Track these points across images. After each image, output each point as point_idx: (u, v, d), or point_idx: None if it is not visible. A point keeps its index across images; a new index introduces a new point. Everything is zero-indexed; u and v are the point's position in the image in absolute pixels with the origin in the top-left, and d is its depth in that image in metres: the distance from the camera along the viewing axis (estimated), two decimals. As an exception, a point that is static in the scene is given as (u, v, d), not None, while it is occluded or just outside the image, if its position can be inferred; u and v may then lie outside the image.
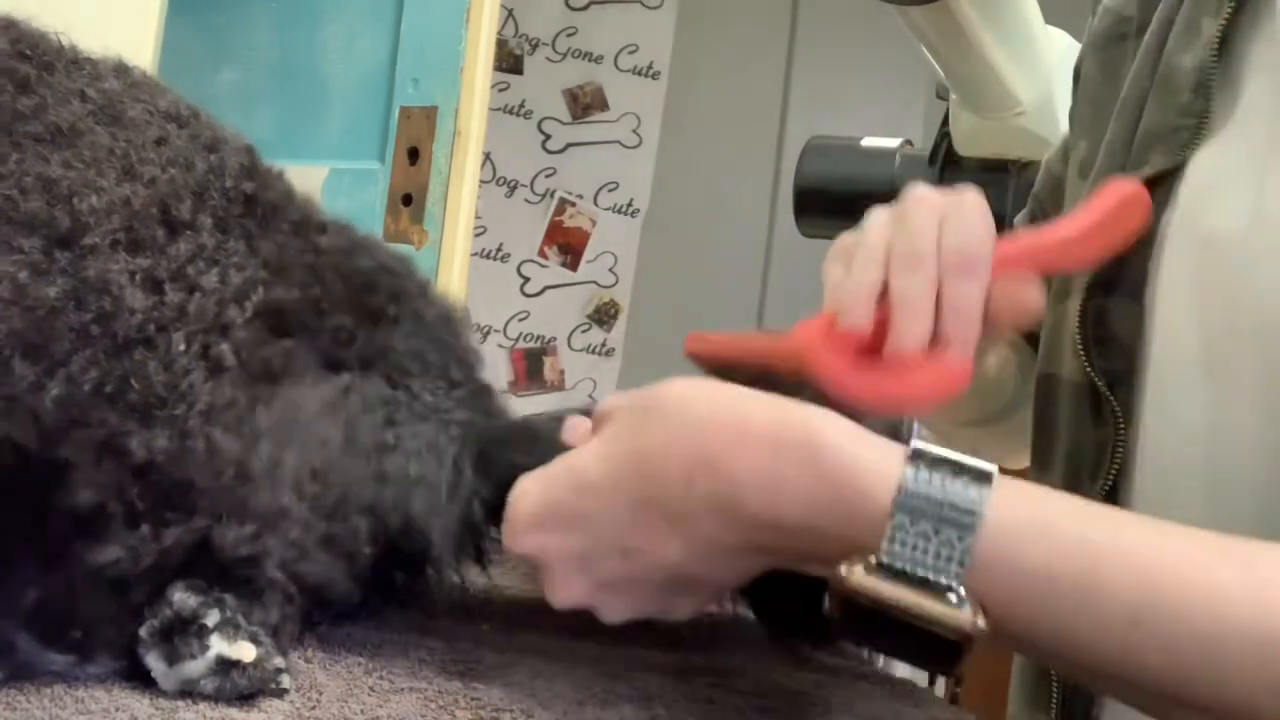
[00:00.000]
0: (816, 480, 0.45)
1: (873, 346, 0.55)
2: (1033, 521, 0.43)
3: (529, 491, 0.51)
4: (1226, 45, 0.65)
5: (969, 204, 0.58)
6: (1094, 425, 0.69)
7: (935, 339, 0.55)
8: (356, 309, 0.56)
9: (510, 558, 0.56)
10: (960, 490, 0.43)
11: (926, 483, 0.43)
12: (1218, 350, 0.62)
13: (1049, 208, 0.84)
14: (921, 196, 0.58)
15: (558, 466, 0.51)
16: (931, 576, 0.43)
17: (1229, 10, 0.65)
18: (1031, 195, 0.88)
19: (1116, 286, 0.68)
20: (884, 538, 0.43)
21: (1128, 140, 0.70)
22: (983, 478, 0.44)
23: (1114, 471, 0.67)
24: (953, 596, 0.42)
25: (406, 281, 0.60)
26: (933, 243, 0.56)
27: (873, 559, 0.43)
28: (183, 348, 0.46)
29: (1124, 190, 0.59)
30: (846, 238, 0.60)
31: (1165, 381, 0.65)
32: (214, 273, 0.48)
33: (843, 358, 0.55)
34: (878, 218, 0.59)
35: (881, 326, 0.55)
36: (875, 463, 0.45)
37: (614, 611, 0.51)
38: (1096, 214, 0.59)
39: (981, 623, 0.42)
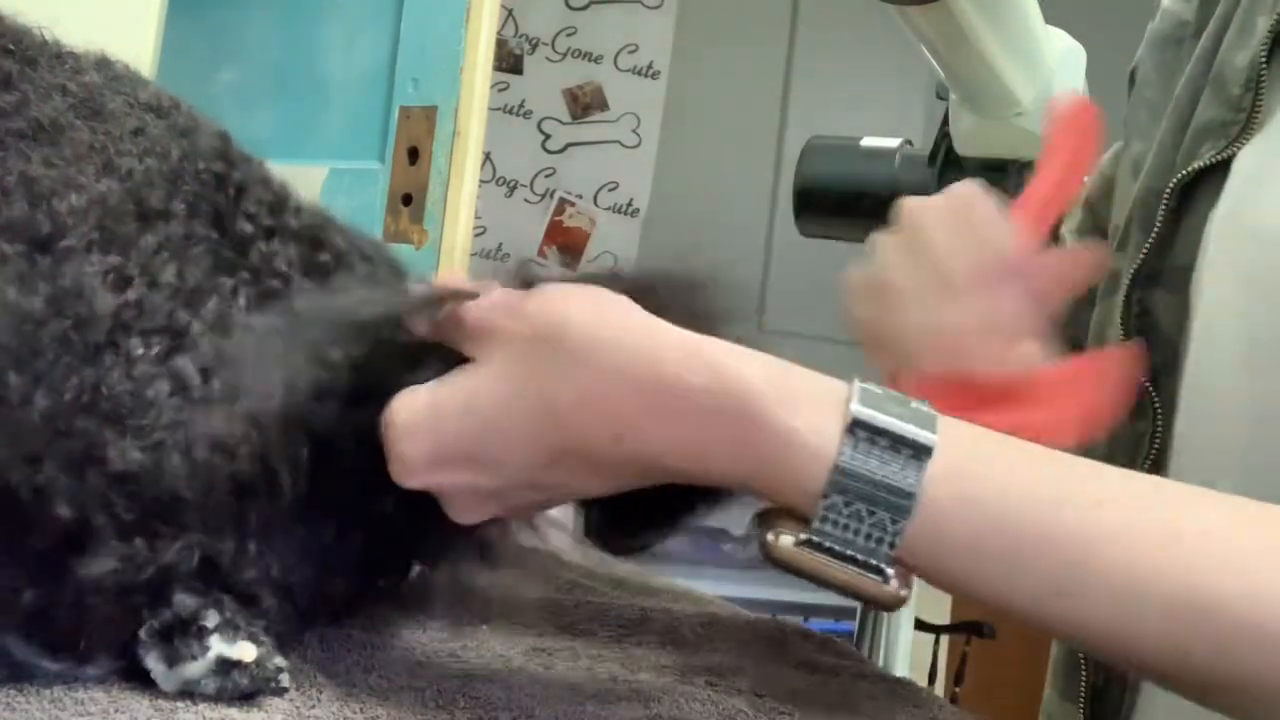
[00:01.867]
0: (749, 450, 0.43)
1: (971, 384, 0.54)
2: (965, 498, 0.43)
3: (417, 426, 0.46)
4: (1278, 44, 0.67)
5: (971, 199, 0.58)
6: (1135, 418, 0.70)
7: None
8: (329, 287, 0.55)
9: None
10: (897, 471, 0.42)
11: (863, 461, 0.42)
12: (1261, 342, 0.63)
13: (1100, 211, 0.85)
14: (920, 210, 0.58)
15: (447, 398, 0.46)
16: (860, 557, 0.42)
17: None
18: (1084, 200, 0.89)
19: (1160, 280, 0.69)
20: (815, 516, 0.42)
21: (1179, 137, 0.71)
22: (922, 452, 0.42)
23: (1149, 464, 0.67)
24: (878, 575, 0.43)
25: (380, 267, 0.59)
26: (958, 261, 0.56)
27: (801, 535, 0.43)
28: (140, 351, 0.45)
29: (1072, 110, 0.61)
30: (863, 276, 0.60)
31: (1206, 373, 0.66)
32: (175, 264, 0.48)
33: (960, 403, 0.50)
34: (887, 244, 0.59)
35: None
36: (811, 436, 0.43)
37: (523, 516, 0.51)
38: (1066, 139, 0.60)
39: (905, 593, 0.43)
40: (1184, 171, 0.69)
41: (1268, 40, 0.67)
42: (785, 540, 0.43)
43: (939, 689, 2.09)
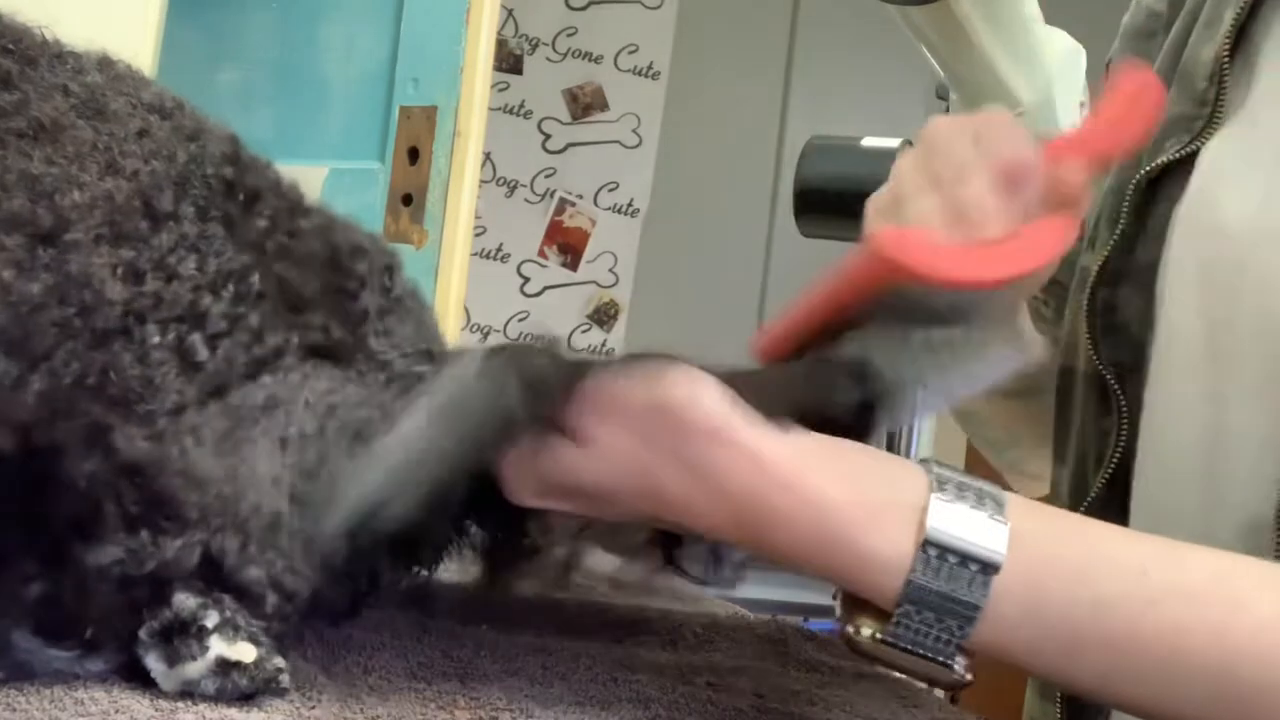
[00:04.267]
0: (828, 560, 0.47)
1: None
2: (1027, 609, 0.46)
3: (530, 463, 0.49)
4: (1244, 37, 0.66)
5: (998, 119, 0.58)
6: (1101, 415, 0.69)
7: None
8: (336, 289, 0.56)
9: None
10: (965, 586, 0.45)
11: (933, 578, 0.45)
12: (1219, 339, 0.63)
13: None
14: (941, 125, 0.58)
15: (564, 450, 0.48)
16: (929, 656, 0.46)
17: (1246, 1, 0.66)
18: None
19: (1126, 277, 0.69)
20: (890, 620, 0.46)
21: None
22: (989, 568, 0.45)
23: (1115, 461, 0.67)
24: (944, 667, 0.46)
25: (381, 258, 0.59)
26: (972, 154, 0.55)
27: (878, 635, 0.46)
28: (157, 340, 0.45)
29: (1135, 79, 0.59)
30: (882, 193, 0.59)
31: (1169, 370, 0.66)
32: (192, 260, 0.48)
33: (927, 248, 0.52)
34: (906, 163, 0.59)
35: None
36: (886, 552, 0.46)
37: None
38: (1116, 102, 0.59)
39: (969, 677, 0.47)
40: (1148, 167, 0.68)
41: (1231, 34, 0.66)
42: (864, 634, 0.47)
43: (939, 690, 2.09)
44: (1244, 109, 0.66)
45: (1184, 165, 0.67)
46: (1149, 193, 0.68)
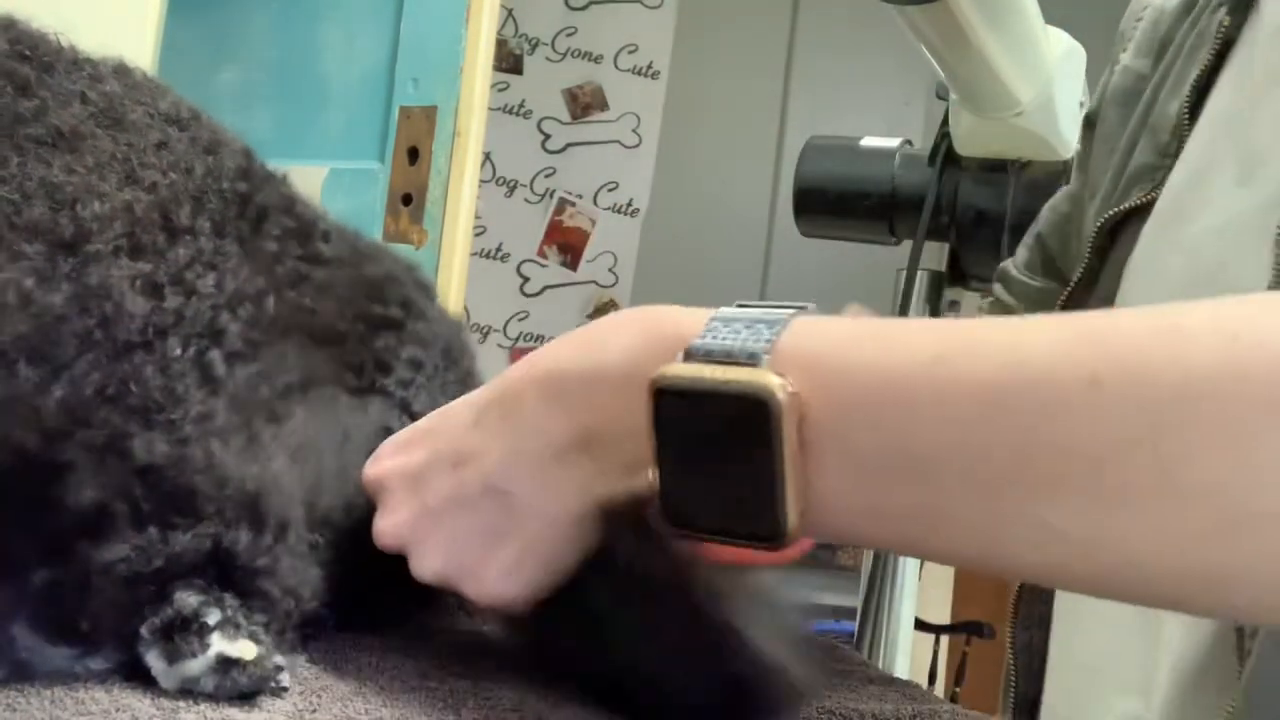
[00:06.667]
0: (637, 328, 0.51)
1: None
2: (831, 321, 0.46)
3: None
4: (1202, 96, 0.69)
5: None
6: None
7: None
8: (359, 318, 0.56)
9: None
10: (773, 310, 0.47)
11: (740, 308, 0.48)
12: None
13: (1050, 245, 0.87)
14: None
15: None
16: (739, 345, 0.44)
17: (1207, 61, 0.70)
18: (1035, 235, 0.89)
19: (1087, 308, 0.70)
20: (696, 336, 0.46)
21: (1116, 179, 0.74)
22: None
23: None
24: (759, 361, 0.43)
25: (412, 290, 0.60)
26: None
27: (681, 354, 0.45)
28: (178, 352, 0.46)
29: None
30: None
31: None
32: (210, 277, 0.48)
33: None
34: None
35: None
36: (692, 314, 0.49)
37: (427, 553, 0.51)
38: None
39: (790, 388, 0.42)
40: (1110, 212, 0.71)
41: (1191, 93, 0.69)
42: (671, 365, 0.46)
43: (939, 689, 2.09)
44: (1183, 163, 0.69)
45: (1145, 210, 0.70)
46: (1111, 237, 0.72)
